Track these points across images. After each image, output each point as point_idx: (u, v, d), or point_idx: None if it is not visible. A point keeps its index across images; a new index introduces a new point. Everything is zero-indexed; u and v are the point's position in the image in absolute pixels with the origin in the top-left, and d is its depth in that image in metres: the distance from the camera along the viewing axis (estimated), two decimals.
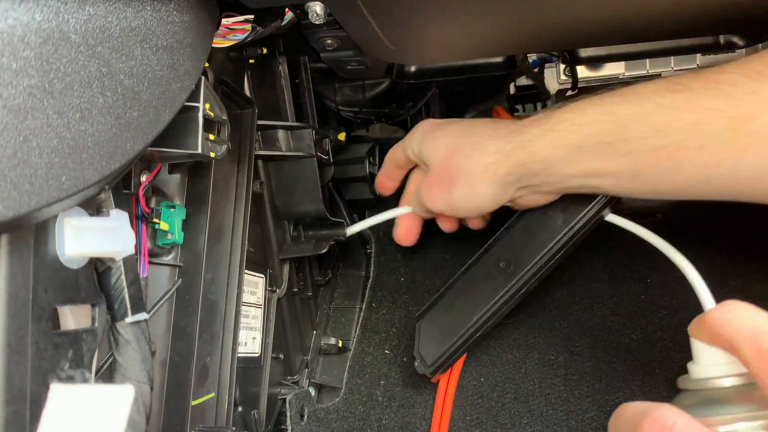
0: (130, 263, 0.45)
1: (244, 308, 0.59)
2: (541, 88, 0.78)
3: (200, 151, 0.48)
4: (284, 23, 0.55)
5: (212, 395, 0.53)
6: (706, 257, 0.69)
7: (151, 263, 0.52)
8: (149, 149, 0.42)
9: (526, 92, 0.84)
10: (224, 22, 0.51)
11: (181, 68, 0.43)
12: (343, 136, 0.78)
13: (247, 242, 0.57)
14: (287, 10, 0.53)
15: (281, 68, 0.67)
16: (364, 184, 0.78)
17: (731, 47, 0.61)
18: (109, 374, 0.45)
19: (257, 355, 0.63)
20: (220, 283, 0.55)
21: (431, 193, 0.61)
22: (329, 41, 0.57)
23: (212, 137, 0.50)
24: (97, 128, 0.36)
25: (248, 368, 0.61)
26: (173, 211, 0.53)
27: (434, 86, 0.82)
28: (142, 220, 0.50)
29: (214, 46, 0.51)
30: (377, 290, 0.77)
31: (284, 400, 0.66)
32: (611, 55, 0.65)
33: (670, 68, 0.72)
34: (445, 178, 0.59)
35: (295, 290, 0.71)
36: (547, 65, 0.78)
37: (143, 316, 0.46)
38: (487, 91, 0.85)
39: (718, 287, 0.67)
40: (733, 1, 0.48)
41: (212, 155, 0.49)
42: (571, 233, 0.61)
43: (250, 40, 0.54)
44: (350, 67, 0.64)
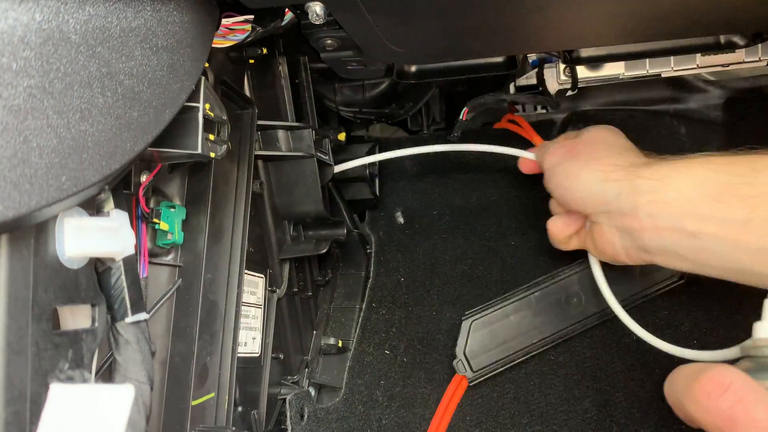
0: (130, 263, 0.45)
1: (244, 308, 0.59)
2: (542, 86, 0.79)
3: (200, 151, 0.48)
4: (284, 23, 0.55)
5: (212, 395, 0.53)
6: None
7: (151, 263, 0.52)
8: (149, 149, 0.42)
9: (526, 92, 0.84)
10: (224, 22, 0.51)
11: (181, 68, 0.43)
12: (343, 136, 0.78)
13: (247, 242, 0.57)
14: (287, 10, 0.53)
15: (281, 68, 0.67)
16: (364, 184, 0.78)
17: (731, 47, 0.61)
18: (109, 374, 0.45)
19: (257, 355, 0.63)
20: (220, 283, 0.55)
21: (557, 150, 0.61)
22: (329, 41, 0.57)
23: (212, 137, 0.50)
24: (97, 128, 0.36)
25: (248, 368, 0.61)
26: (173, 211, 0.53)
27: (434, 86, 0.82)
28: (142, 220, 0.50)
29: (214, 46, 0.51)
30: (377, 290, 0.77)
31: (284, 400, 0.66)
32: (611, 55, 0.65)
33: (669, 68, 0.72)
34: (575, 150, 0.59)
35: (295, 290, 0.71)
36: (547, 65, 0.78)
37: (143, 316, 0.46)
38: (487, 91, 0.85)
39: (717, 286, 0.68)
40: (733, 1, 0.48)
41: (212, 155, 0.50)
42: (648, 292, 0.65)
43: (250, 40, 0.54)
44: (350, 67, 0.64)
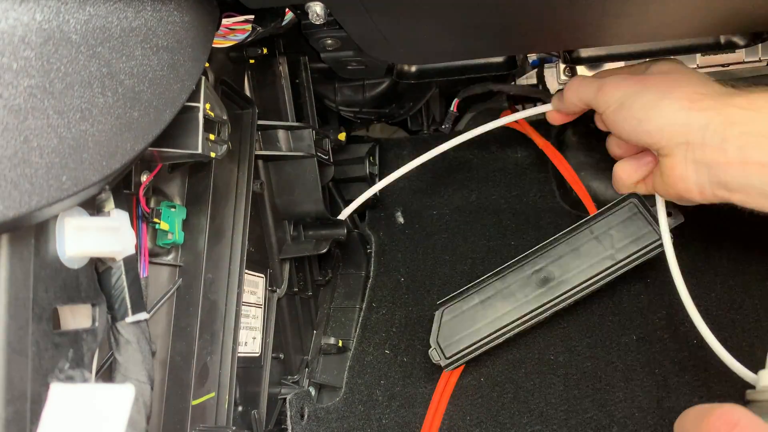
0: (130, 263, 0.45)
1: (244, 308, 0.59)
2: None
3: (200, 151, 0.48)
4: (284, 23, 0.55)
5: (212, 395, 0.53)
6: (706, 256, 0.69)
7: (151, 263, 0.52)
8: (150, 149, 0.42)
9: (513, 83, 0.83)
10: (224, 22, 0.51)
11: (181, 68, 0.43)
12: (343, 136, 0.78)
13: (247, 242, 0.57)
14: (287, 10, 0.53)
15: (281, 68, 0.67)
16: (364, 184, 0.78)
17: (731, 47, 0.61)
18: (109, 374, 0.45)
19: (257, 354, 0.63)
20: (220, 283, 0.55)
21: (622, 83, 0.56)
22: (329, 41, 0.57)
23: (212, 137, 0.50)
24: (97, 128, 0.36)
25: (248, 368, 0.61)
26: (173, 211, 0.53)
27: (434, 86, 0.82)
28: (142, 220, 0.50)
29: (214, 46, 0.51)
30: (377, 290, 0.77)
31: (284, 399, 0.66)
32: (611, 55, 0.65)
33: None
34: (648, 82, 0.55)
35: (295, 290, 0.71)
36: (547, 65, 0.78)
37: (143, 316, 0.46)
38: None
39: (718, 286, 0.68)
40: (733, 1, 0.48)
41: (212, 155, 0.50)
42: (622, 263, 0.63)
43: (250, 40, 0.54)
44: (350, 67, 0.64)
